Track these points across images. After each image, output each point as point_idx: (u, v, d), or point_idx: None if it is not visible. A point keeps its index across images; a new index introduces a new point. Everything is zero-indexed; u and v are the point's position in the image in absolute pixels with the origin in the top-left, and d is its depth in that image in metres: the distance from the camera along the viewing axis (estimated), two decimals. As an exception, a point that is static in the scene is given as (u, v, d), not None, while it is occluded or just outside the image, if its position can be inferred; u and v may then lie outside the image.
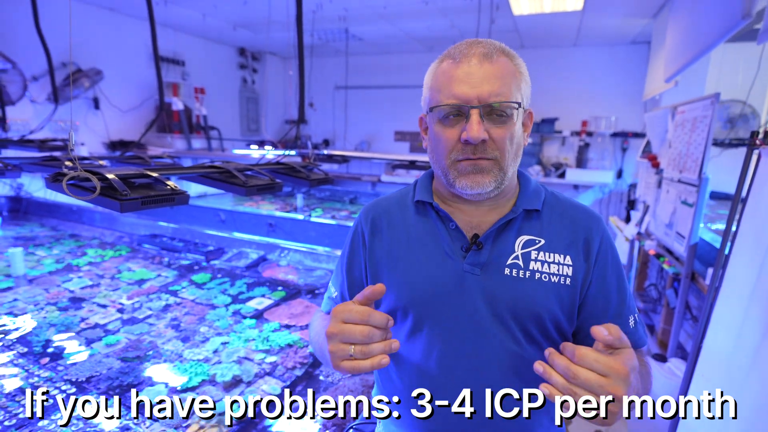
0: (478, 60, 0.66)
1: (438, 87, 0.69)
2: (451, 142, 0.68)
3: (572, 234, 0.73)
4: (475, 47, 0.68)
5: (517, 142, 0.70)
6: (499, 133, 0.67)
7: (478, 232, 0.73)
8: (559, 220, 0.75)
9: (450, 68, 0.68)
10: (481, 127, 0.65)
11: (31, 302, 1.92)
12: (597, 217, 0.76)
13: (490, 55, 0.67)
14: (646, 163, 3.01)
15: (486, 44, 0.68)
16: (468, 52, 0.67)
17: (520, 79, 0.69)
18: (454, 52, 0.69)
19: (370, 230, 0.81)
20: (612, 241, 0.76)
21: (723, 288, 1.35)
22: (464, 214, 0.75)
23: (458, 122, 0.68)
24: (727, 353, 1.29)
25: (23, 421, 1.16)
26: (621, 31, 4.72)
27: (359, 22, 4.84)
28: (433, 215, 0.77)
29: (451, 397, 0.72)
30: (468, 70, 0.66)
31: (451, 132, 0.68)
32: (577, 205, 0.78)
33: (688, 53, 2.40)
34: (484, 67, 0.66)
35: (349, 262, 0.84)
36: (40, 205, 3.71)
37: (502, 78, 0.66)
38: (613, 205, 5.32)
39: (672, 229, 2.28)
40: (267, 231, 3.10)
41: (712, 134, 1.92)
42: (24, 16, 2.89)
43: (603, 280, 0.72)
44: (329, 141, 7.13)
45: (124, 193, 1.05)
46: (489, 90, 0.65)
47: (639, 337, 0.75)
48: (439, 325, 0.72)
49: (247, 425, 1.19)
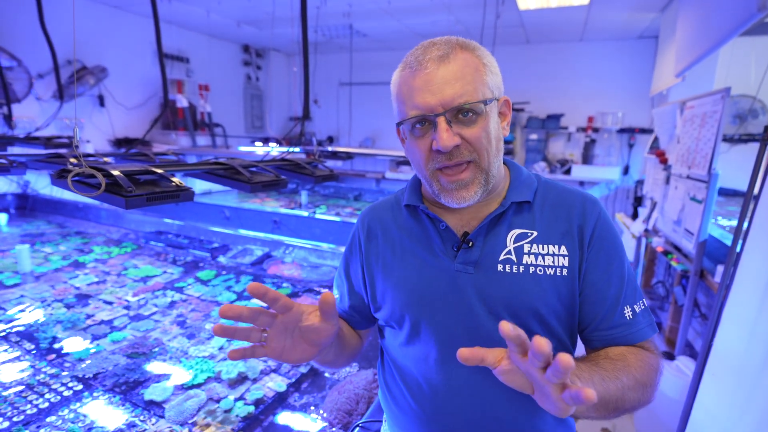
0: (435, 64, 0.63)
1: (402, 99, 0.67)
2: (425, 152, 0.67)
3: (566, 222, 0.70)
4: (430, 51, 0.64)
5: (495, 136, 0.67)
6: (471, 134, 0.64)
7: (468, 230, 0.72)
8: (552, 210, 0.72)
9: (408, 78, 0.65)
10: (450, 134, 0.63)
11: (37, 299, 1.92)
12: (592, 200, 0.73)
13: (446, 57, 0.63)
14: (653, 159, 2.97)
15: (441, 44, 0.65)
16: (423, 58, 0.64)
17: (483, 72, 0.65)
18: (410, 60, 0.66)
19: (366, 236, 0.81)
20: (611, 224, 0.72)
21: (734, 286, 1.33)
22: (453, 214, 0.73)
23: (428, 131, 0.65)
24: (738, 352, 1.27)
25: (30, 417, 1.17)
26: (628, 26, 4.66)
27: (363, 17, 4.82)
28: (424, 217, 0.75)
29: (453, 399, 0.71)
30: (426, 78, 0.63)
31: (422, 142, 0.66)
32: (572, 190, 0.75)
33: (699, 47, 2.37)
34: (442, 70, 0.63)
35: (347, 266, 0.85)
36: (46, 202, 3.73)
37: (464, 77, 0.63)
38: (619, 202, 5.28)
39: (680, 226, 2.25)
40: (272, 228, 3.10)
41: (722, 129, 1.89)
42: (29, 14, 2.89)
43: (596, 263, 0.69)
44: (333, 138, 7.12)
45: (129, 190, 1.05)
46: (452, 93, 0.62)
47: (638, 330, 0.69)
48: (436, 326, 0.71)
49: (252, 422, 1.19)
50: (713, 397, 1.34)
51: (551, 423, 0.73)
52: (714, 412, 1.33)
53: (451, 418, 0.71)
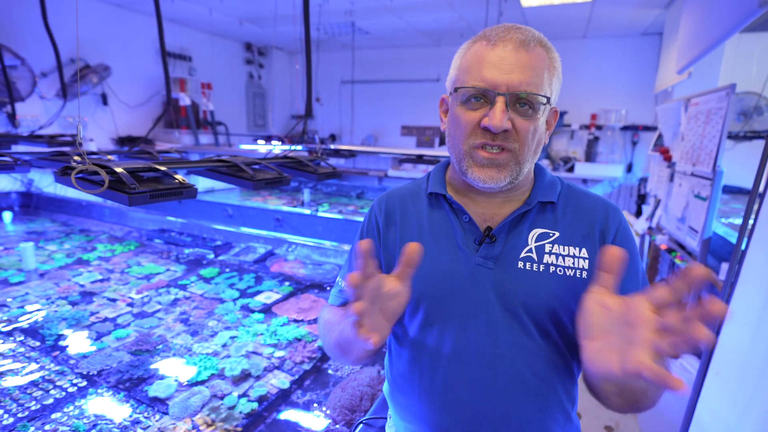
0: (514, 46, 0.63)
1: (467, 68, 0.66)
2: (471, 126, 0.66)
3: (588, 226, 0.71)
4: (513, 32, 0.65)
5: (539, 138, 0.68)
6: (522, 125, 0.64)
7: (491, 225, 0.72)
8: (575, 213, 0.73)
9: (483, 50, 0.65)
10: (504, 116, 0.63)
11: (42, 296, 1.93)
12: (614, 207, 0.74)
13: (527, 43, 0.63)
14: (657, 156, 2.96)
15: (525, 31, 0.65)
16: (505, 36, 0.64)
17: (552, 74, 0.66)
18: (490, 34, 0.66)
19: (385, 220, 0.80)
20: (630, 232, 0.74)
21: (739, 284, 1.32)
22: (478, 207, 0.74)
23: (482, 107, 0.65)
24: (743, 350, 1.26)
25: (35, 413, 1.17)
26: (632, 23, 4.63)
27: (366, 15, 4.81)
28: (447, 207, 0.75)
29: (464, 393, 0.71)
30: (502, 55, 0.63)
31: (472, 115, 0.66)
32: (594, 196, 0.76)
33: (702, 43, 2.35)
34: (519, 55, 0.63)
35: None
36: (50, 200, 3.75)
37: (536, 69, 0.63)
38: (622, 200, 5.26)
39: (684, 224, 2.24)
40: (274, 226, 3.10)
41: (727, 126, 1.88)
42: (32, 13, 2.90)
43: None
44: (336, 136, 7.12)
45: (133, 187, 1.05)
46: (520, 79, 0.62)
47: None
48: (451, 319, 0.71)
49: (256, 419, 1.19)
50: (717, 396, 1.34)
51: (560, 422, 0.73)
52: (718, 411, 1.33)
53: (461, 412, 0.71)
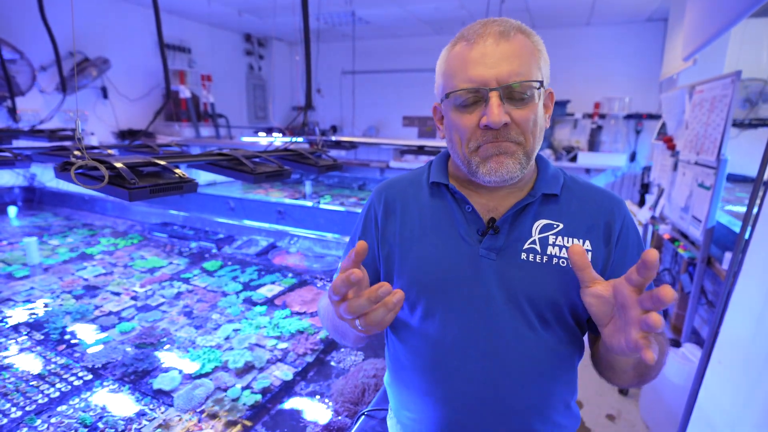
0: (494, 39, 0.63)
1: (452, 72, 0.66)
2: (470, 129, 0.65)
3: (592, 218, 0.71)
4: (489, 26, 0.64)
5: (540, 124, 0.67)
6: (521, 115, 0.64)
7: (494, 216, 0.71)
8: (579, 204, 0.72)
9: (464, 50, 0.64)
10: (501, 110, 0.62)
11: (46, 290, 1.95)
12: (619, 200, 0.74)
13: (506, 33, 0.63)
14: (661, 145, 2.93)
15: (501, 22, 0.65)
16: (483, 32, 0.63)
17: (539, 57, 0.65)
18: (467, 33, 0.65)
19: (384, 211, 0.79)
20: (634, 225, 0.73)
21: (742, 273, 1.32)
22: (481, 197, 0.73)
23: (477, 108, 0.64)
24: (745, 339, 1.26)
25: (42, 406, 1.19)
26: (636, 8, 4.56)
27: (366, 4, 4.75)
28: (449, 197, 0.75)
29: (466, 383, 0.71)
30: (484, 51, 0.62)
31: (468, 118, 0.65)
32: (598, 188, 0.75)
33: (709, 29, 2.31)
34: (501, 46, 0.62)
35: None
36: (53, 195, 3.76)
37: (521, 56, 0.63)
38: (626, 189, 5.23)
39: (688, 213, 2.23)
40: (276, 218, 3.10)
41: (732, 114, 1.86)
42: (30, 6, 2.87)
43: (623, 263, 0.70)
44: (337, 127, 7.08)
45: (133, 182, 1.05)
46: (508, 70, 0.62)
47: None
48: (453, 310, 0.71)
49: (260, 410, 1.20)
50: (719, 384, 1.34)
51: (560, 410, 0.74)
52: (720, 399, 1.33)
53: (462, 402, 0.71)
